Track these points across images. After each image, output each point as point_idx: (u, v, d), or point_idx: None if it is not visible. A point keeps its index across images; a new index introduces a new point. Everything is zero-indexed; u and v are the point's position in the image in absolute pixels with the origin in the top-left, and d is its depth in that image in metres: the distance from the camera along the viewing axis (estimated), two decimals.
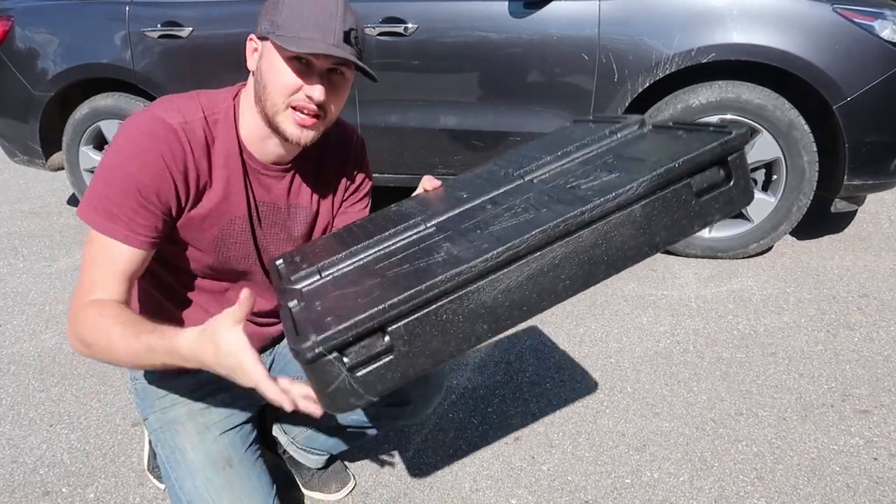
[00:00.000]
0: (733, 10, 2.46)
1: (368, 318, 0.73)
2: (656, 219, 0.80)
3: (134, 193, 1.00)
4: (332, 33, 0.99)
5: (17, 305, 2.55)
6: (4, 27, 3.23)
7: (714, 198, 0.82)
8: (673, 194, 0.80)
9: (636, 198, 0.78)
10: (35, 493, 1.56)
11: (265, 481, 1.23)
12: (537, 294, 0.78)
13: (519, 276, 0.77)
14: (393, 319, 0.75)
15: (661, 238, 0.81)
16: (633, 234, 0.79)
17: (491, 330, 0.78)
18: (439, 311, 0.76)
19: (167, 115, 1.03)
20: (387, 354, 0.76)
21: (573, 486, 1.55)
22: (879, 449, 1.63)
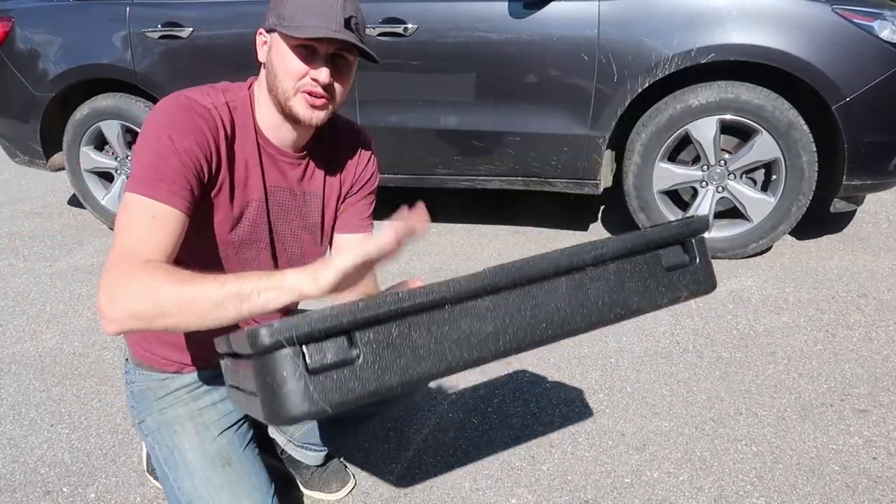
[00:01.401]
0: (733, 11, 2.47)
1: (337, 316, 0.69)
2: (629, 282, 0.85)
3: (174, 154, 1.03)
4: (333, 21, 1.06)
5: (18, 306, 2.55)
6: (5, 28, 3.23)
7: (681, 274, 0.88)
8: (644, 261, 0.86)
9: (611, 256, 0.83)
10: (36, 492, 1.57)
11: (264, 479, 1.24)
12: (514, 330, 0.78)
13: (496, 308, 0.77)
14: (362, 324, 0.70)
15: (634, 302, 0.84)
16: (606, 291, 0.83)
17: (462, 359, 0.75)
18: (412, 326, 0.73)
19: (198, 97, 1.10)
20: (351, 361, 0.70)
21: (573, 485, 1.56)
22: (878, 448, 1.64)
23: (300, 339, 0.68)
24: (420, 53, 2.75)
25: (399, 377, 0.72)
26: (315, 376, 0.69)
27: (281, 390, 0.68)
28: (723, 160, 2.68)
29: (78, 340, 2.27)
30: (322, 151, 1.26)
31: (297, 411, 0.68)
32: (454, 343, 0.75)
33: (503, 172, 2.90)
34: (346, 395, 0.70)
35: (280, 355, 0.68)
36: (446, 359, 0.74)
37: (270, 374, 0.69)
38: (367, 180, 1.34)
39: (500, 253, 2.95)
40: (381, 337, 0.72)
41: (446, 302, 0.74)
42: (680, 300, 0.88)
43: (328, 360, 0.69)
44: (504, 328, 0.77)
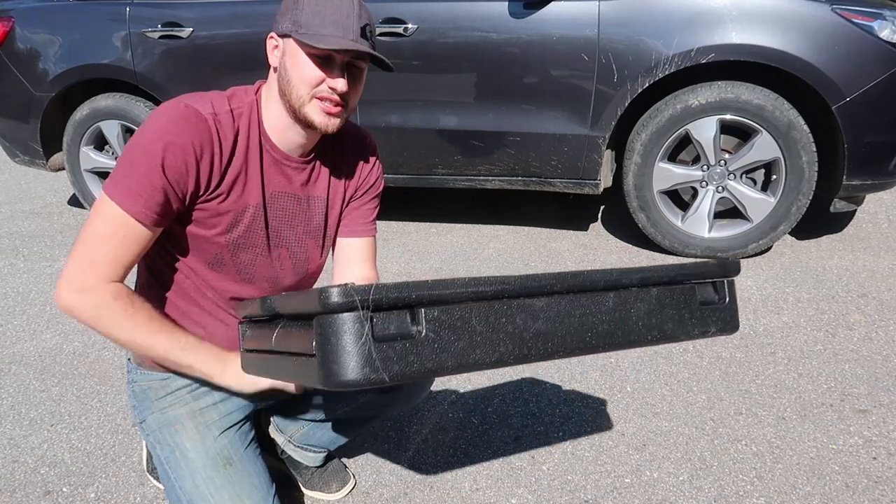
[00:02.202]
0: (733, 11, 2.47)
1: (409, 287, 0.71)
2: (667, 308, 0.91)
3: (158, 172, 1.03)
4: (350, 30, 1.06)
5: (18, 305, 2.55)
6: (5, 28, 3.24)
7: (711, 310, 0.95)
8: (682, 291, 0.93)
9: (655, 281, 0.89)
10: (36, 492, 1.57)
11: (265, 479, 1.24)
12: (562, 334, 0.82)
13: (549, 309, 0.81)
14: (429, 301, 0.73)
15: (668, 328, 0.90)
16: (647, 313, 0.89)
17: (513, 353, 0.78)
18: (473, 312, 0.76)
19: (198, 105, 1.09)
20: (414, 336, 0.72)
21: (573, 485, 1.56)
22: (878, 448, 1.64)
23: (371, 305, 0.69)
24: (420, 53, 2.75)
25: (455, 360, 0.74)
26: (379, 344, 0.70)
27: (344, 351, 0.69)
28: (723, 160, 2.68)
29: (78, 340, 2.27)
30: (327, 155, 1.26)
31: (356, 375, 0.69)
32: (508, 336, 0.78)
33: (503, 172, 2.90)
34: (406, 367, 0.71)
35: (349, 316, 0.69)
36: (498, 350, 0.77)
37: (335, 334, 0.69)
38: (372, 184, 1.34)
39: (500, 253, 2.95)
40: (445, 317, 0.74)
41: (507, 295, 0.78)
42: (707, 335, 0.94)
43: (392, 331, 0.71)
44: (553, 330, 0.81)
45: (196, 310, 1.23)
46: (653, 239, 2.84)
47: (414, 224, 3.35)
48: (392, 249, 3.02)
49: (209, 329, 1.24)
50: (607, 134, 2.69)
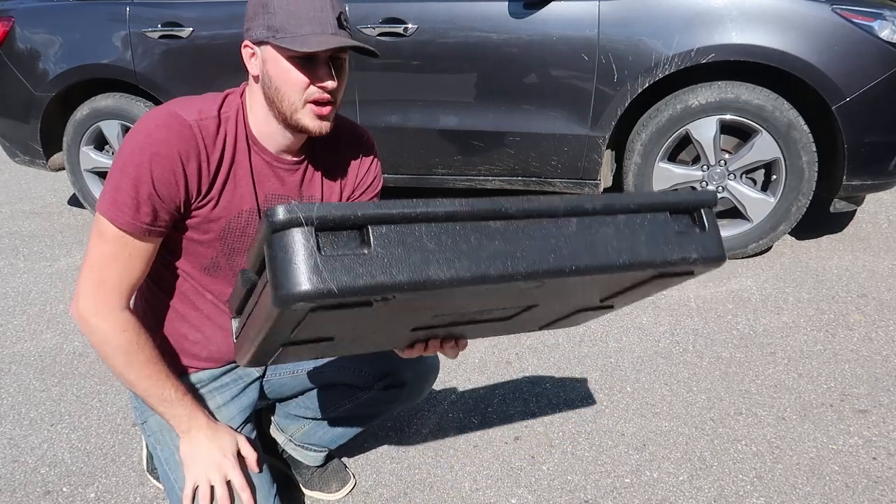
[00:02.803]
0: (732, 11, 2.47)
1: (352, 207, 0.71)
2: (638, 233, 0.86)
3: (147, 185, 1.03)
4: (328, 24, 1.03)
5: (19, 305, 2.55)
6: (5, 28, 3.24)
7: (690, 238, 0.89)
8: (653, 219, 0.87)
9: (620, 209, 0.84)
10: (36, 492, 1.57)
11: (265, 479, 1.24)
12: (522, 253, 0.79)
13: (505, 231, 0.78)
14: (376, 220, 0.72)
15: (642, 252, 0.85)
16: (615, 237, 0.84)
17: (470, 271, 0.76)
18: (424, 232, 0.74)
19: (183, 112, 1.07)
20: (362, 250, 0.72)
21: (573, 485, 1.56)
22: (878, 448, 1.64)
23: (315, 221, 0.69)
24: (420, 53, 2.75)
25: (408, 275, 0.73)
26: (326, 257, 0.70)
27: (291, 264, 0.69)
28: (723, 160, 2.68)
29: (78, 340, 2.27)
30: (321, 155, 1.24)
31: (305, 286, 0.69)
32: (463, 253, 0.76)
33: (503, 172, 2.90)
34: (355, 279, 0.70)
35: (294, 231, 0.69)
36: (454, 266, 0.75)
37: (282, 249, 0.70)
38: (370, 184, 1.31)
39: None
40: (393, 234, 0.73)
41: (458, 217, 0.76)
42: (690, 262, 0.88)
43: (339, 247, 0.71)
44: (512, 250, 0.78)
45: (195, 314, 1.23)
46: None
47: None
48: None
49: (208, 333, 1.24)
50: (607, 134, 2.69)
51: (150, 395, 1.13)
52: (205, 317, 1.23)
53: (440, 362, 1.43)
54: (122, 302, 1.09)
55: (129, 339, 1.09)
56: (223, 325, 1.24)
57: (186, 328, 1.23)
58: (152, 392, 1.13)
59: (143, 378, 1.12)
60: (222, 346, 1.26)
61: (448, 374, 2.02)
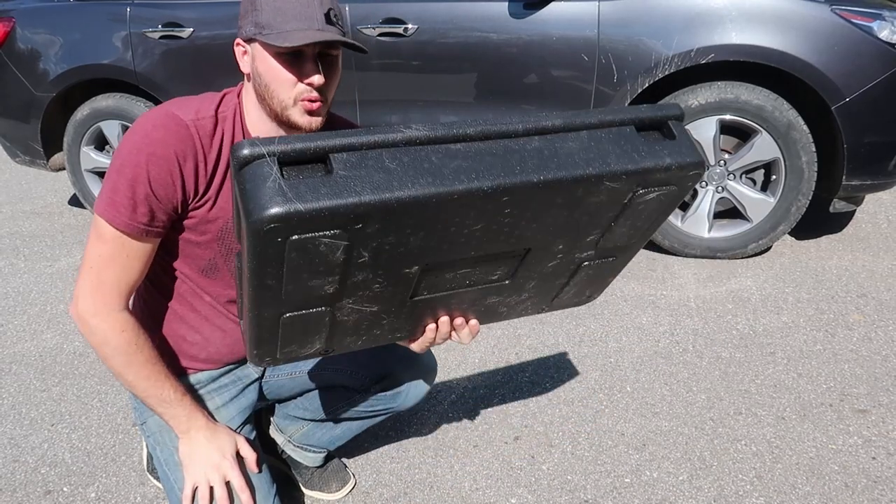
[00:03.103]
0: (732, 11, 2.47)
1: (313, 140, 0.73)
2: (605, 144, 0.84)
3: (144, 185, 1.03)
4: (314, 19, 1.02)
5: (19, 305, 2.56)
6: (6, 28, 3.24)
7: (662, 145, 0.87)
8: (619, 132, 0.86)
9: (580, 126, 0.84)
10: (37, 492, 1.57)
11: (266, 479, 1.24)
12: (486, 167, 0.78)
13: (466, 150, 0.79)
14: (337, 148, 0.74)
15: (612, 161, 0.83)
16: (581, 149, 0.83)
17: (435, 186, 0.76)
18: (385, 155, 0.75)
19: (180, 112, 1.07)
20: (325, 174, 0.73)
21: (573, 485, 1.56)
22: (878, 448, 1.64)
23: (279, 155, 0.72)
24: (420, 53, 2.76)
25: (372, 194, 0.73)
26: (290, 181, 0.72)
27: (258, 191, 0.71)
28: (722, 160, 2.68)
29: (78, 340, 2.27)
30: None
31: (272, 208, 0.70)
32: (426, 172, 0.76)
33: None
34: (320, 198, 0.72)
35: (258, 164, 0.72)
36: (419, 183, 0.75)
37: (250, 180, 0.72)
38: None
39: None
40: (355, 159, 0.74)
41: (417, 142, 0.77)
42: (665, 168, 0.86)
43: (304, 172, 0.73)
44: (475, 166, 0.78)
45: (193, 315, 1.23)
46: (653, 239, 2.84)
47: None
48: None
49: (206, 334, 1.24)
50: None
51: (149, 395, 1.14)
52: (203, 318, 1.23)
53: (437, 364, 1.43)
54: (120, 302, 1.09)
55: (127, 339, 1.09)
56: (221, 327, 1.25)
57: (185, 329, 1.24)
58: (151, 393, 1.13)
59: (142, 378, 1.12)
60: (221, 348, 1.27)
61: (448, 374, 2.02)
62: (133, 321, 1.11)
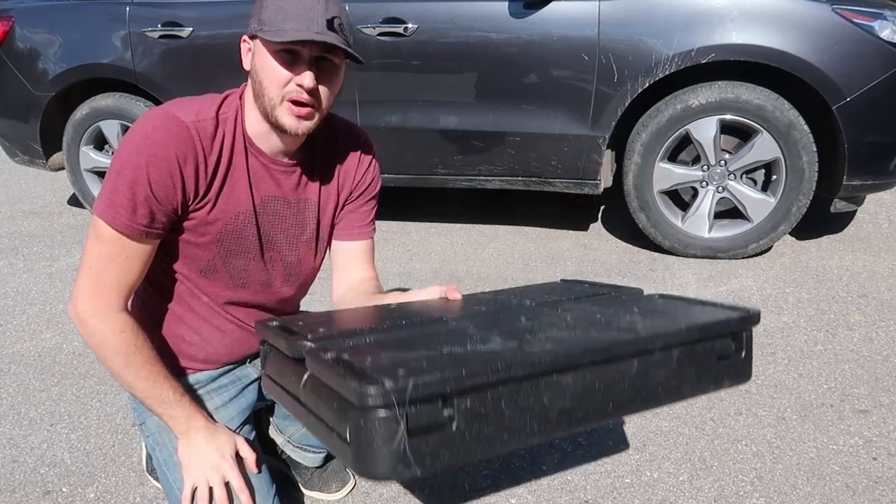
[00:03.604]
0: (733, 11, 2.47)
1: (444, 380, 0.68)
2: (686, 368, 0.87)
3: (144, 187, 1.03)
4: (314, 22, 1.02)
5: (18, 305, 2.55)
6: (5, 27, 3.24)
7: (728, 364, 0.91)
8: (702, 350, 0.89)
9: (678, 342, 0.86)
10: (36, 492, 1.56)
11: (265, 480, 1.24)
12: (584, 407, 0.79)
13: (575, 384, 0.78)
14: (463, 391, 0.70)
15: (685, 389, 0.88)
16: (666, 377, 0.86)
17: (538, 431, 0.76)
18: (504, 395, 0.73)
19: (180, 113, 1.07)
20: (446, 427, 0.69)
21: (573, 485, 1.56)
22: (878, 449, 1.64)
23: (408, 402, 0.67)
24: (420, 53, 2.75)
25: (483, 449, 0.72)
26: (413, 439, 0.68)
27: (378, 448, 0.67)
28: (723, 160, 2.68)
29: (78, 340, 2.27)
30: (318, 157, 1.23)
31: (389, 471, 0.68)
32: (535, 416, 0.76)
33: (503, 172, 2.90)
34: (437, 461, 0.69)
35: (386, 416, 0.67)
36: (525, 431, 0.75)
37: (369, 432, 0.67)
38: (367, 186, 1.31)
39: (500, 253, 2.95)
40: (476, 405, 0.72)
41: (537, 375, 0.75)
42: (720, 389, 0.91)
43: (424, 422, 0.69)
44: (578, 406, 0.79)
45: (192, 316, 1.23)
46: (653, 239, 2.84)
47: (414, 224, 3.35)
48: (392, 249, 3.02)
49: (205, 335, 1.24)
50: (607, 134, 2.69)
51: (148, 396, 1.13)
52: (201, 319, 1.23)
53: None
54: (120, 303, 1.09)
55: (126, 340, 1.08)
56: (220, 327, 1.24)
57: (183, 330, 1.23)
58: (150, 393, 1.13)
59: (140, 379, 1.11)
60: (219, 348, 1.26)
61: None
62: (132, 322, 1.10)
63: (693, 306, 0.99)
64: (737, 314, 0.91)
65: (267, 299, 1.27)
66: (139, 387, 1.12)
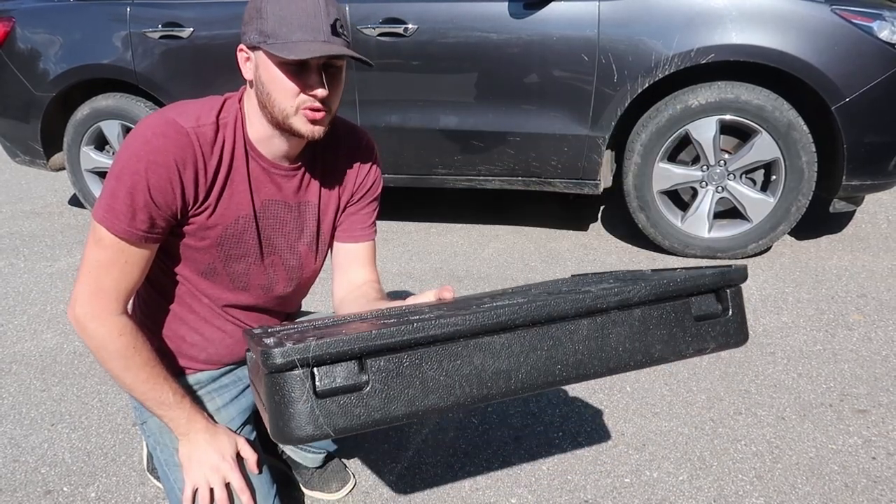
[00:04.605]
0: (732, 11, 2.47)
1: (350, 341, 0.69)
2: (654, 329, 0.81)
3: (143, 193, 1.03)
4: (320, 30, 1.01)
5: (19, 305, 2.56)
6: (6, 28, 3.24)
7: (711, 325, 0.84)
8: (672, 308, 0.82)
9: (638, 301, 0.80)
10: (37, 492, 1.57)
11: (265, 479, 1.24)
12: (526, 369, 0.76)
13: (511, 346, 0.75)
14: (375, 351, 0.70)
15: (656, 351, 0.81)
16: (628, 337, 0.80)
17: (471, 395, 0.74)
18: (424, 357, 0.72)
19: (180, 118, 1.06)
20: (360, 388, 0.70)
21: (573, 485, 1.56)
22: (878, 448, 1.64)
23: (312, 362, 0.68)
24: (420, 53, 2.76)
25: (405, 408, 0.72)
26: (322, 400, 0.69)
27: (287, 410, 0.69)
28: (722, 160, 2.68)
29: (78, 340, 2.27)
30: (318, 160, 1.23)
31: (300, 433, 0.69)
32: (464, 378, 0.74)
33: (503, 172, 2.90)
34: (351, 421, 0.70)
35: (290, 376, 0.68)
36: (454, 393, 0.73)
37: (279, 392, 0.69)
38: (369, 188, 1.31)
39: (500, 253, 2.95)
40: (392, 366, 0.71)
41: (462, 336, 0.73)
42: (706, 352, 0.84)
43: (337, 384, 0.70)
44: (517, 367, 0.76)
45: (192, 316, 1.23)
46: (653, 239, 2.84)
47: (414, 224, 3.35)
48: (392, 249, 3.03)
49: (206, 335, 1.24)
50: (607, 134, 2.69)
51: (148, 398, 1.13)
52: (202, 319, 1.23)
53: None
54: (119, 307, 1.09)
55: (126, 343, 1.09)
56: (221, 328, 1.24)
57: (184, 330, 1.24)
58: (150, 396, 1.13)
59: (140, 382, 1.11)
60: (220, 349, 1.26)
61: None
62: (131, 324, 1.10)
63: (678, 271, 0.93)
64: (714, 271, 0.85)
65: (268, 301, 1.27)
66: (139, 389, 1.12)
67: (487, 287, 2.60)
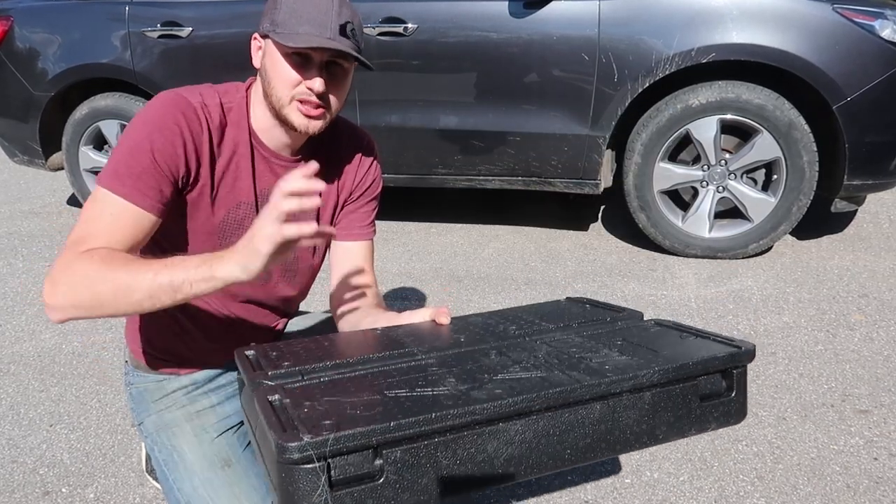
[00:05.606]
0: (733, 10, 2.47)
1: (370, 432, 0.67)
2: (661, 412, 0.82)
3: (147, 153, 1.02)
4: (327, 27, 1.02)
5: (17, 305, 2.55)
6: (4, 27, 3.23)
7: (714, 406, 0.85)
8: (681, 391, 0.83)
9: (649, 384, 0.80)
10: (35, 493, 1.56)
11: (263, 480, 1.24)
12: (537, 455, 0.76)
13: (525, 432, 0.75)
14: (393, 442, 0.69)
15: (661, 433, 0.82)
16: (637, 420, 0.80)
17: (480, 481, 0.73)
18: (439, 446, 0.71)
19: (189, 95, 1.08)
20: (374, 478, 0.69)
21: (573, 485, 1.55)
22: (879, 449, 1.63)
23: (328, 454, 0.66)
24: (420, 53, 2.75)
25: (416, 498, 0.71)
26: (336, 493, 0.67)
27: (300, 501, 0.67)
28: (723, 160, 2.68)
29: (77, 340, 2.27)
30: (319, 156, 1.22)
31: None
32: (476, 465, 0.73)
33: (503, 172, 2.90)
34: None
35: (306, 469, 0.66)
36: (466, 481, 0.73)
37: (293, 484, 0.67)
38: (368, 187, 1.31)
39: (500, 253, 2.95)
40: (408, 457, 0.70)
41: (479, 423, 0.72)
42: (706, 431, 0.86)
43: (350, 474, 0.68)
44: (528, 453, 0.76)
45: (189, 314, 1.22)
46: (653, 239, 2.84)
47: (414, 224, 3.35)
48: (392, 249, 3.02)
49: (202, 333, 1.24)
50: (607, 134, 2.68)
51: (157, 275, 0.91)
52: (199, 317, 1.23)
53: None
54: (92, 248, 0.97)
55: (94, 255, 0.95)
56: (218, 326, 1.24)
57: (181, 331, 1.23)
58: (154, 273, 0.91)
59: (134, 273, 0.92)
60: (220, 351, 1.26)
61: None
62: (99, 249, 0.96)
63: (686, 339, 0.93)
64: (724, 351, 0.85)
65: (266, 296, 1.27)
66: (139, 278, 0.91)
67: (487, 287, 2.59)
